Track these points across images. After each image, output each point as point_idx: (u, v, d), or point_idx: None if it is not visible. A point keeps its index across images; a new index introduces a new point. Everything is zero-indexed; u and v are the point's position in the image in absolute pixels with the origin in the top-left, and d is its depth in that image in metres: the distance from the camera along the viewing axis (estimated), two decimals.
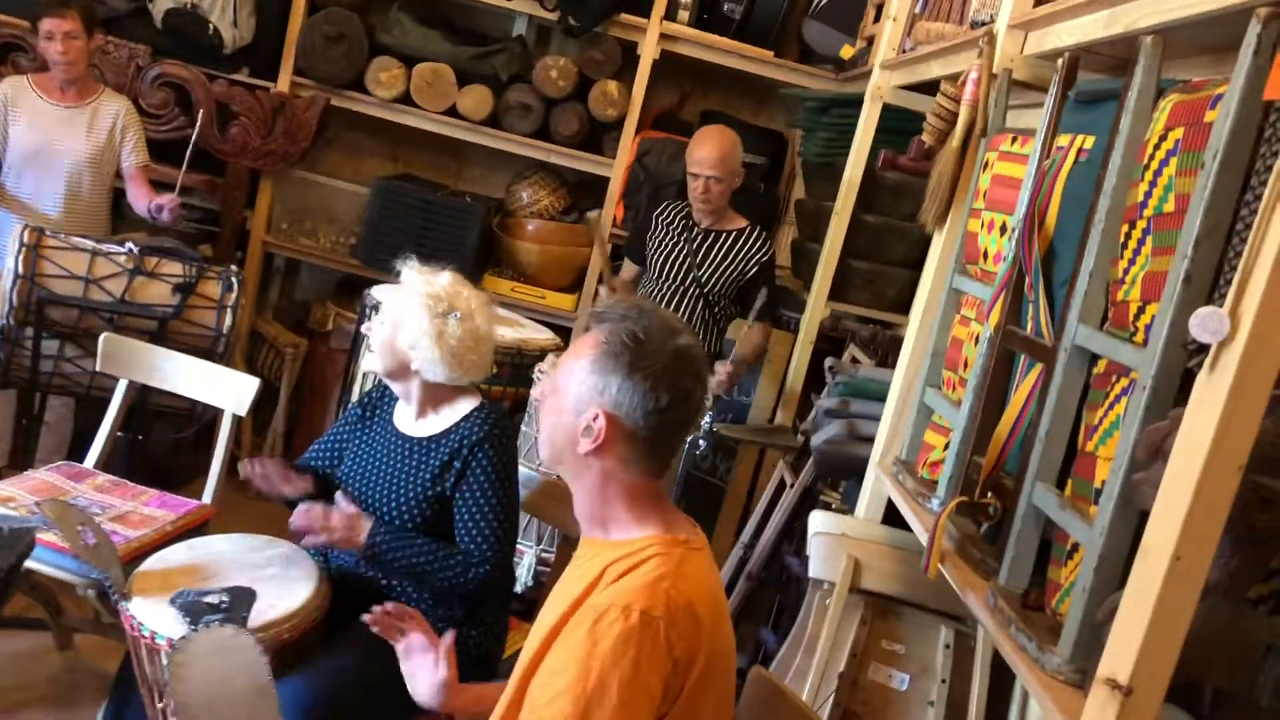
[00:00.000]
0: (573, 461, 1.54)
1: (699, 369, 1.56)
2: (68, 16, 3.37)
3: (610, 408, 1.48)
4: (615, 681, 1.35)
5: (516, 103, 4.14)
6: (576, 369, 1.53)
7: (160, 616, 2.02)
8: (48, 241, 3.01)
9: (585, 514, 1.57)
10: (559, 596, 1.56)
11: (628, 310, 1.53)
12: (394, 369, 2.26)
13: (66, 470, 2.82)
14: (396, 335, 2.22)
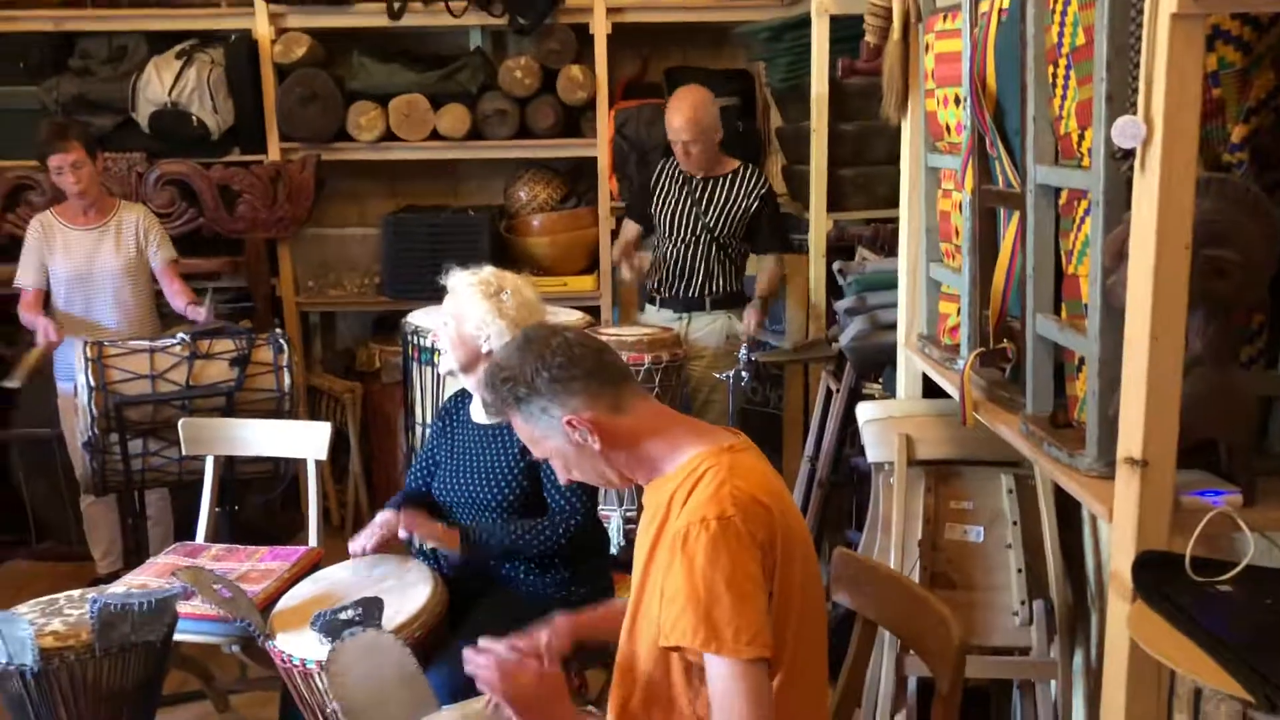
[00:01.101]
0: (612, 461, 1.70)
1: (541, 327, 1.79)
2: (70, 148, 3.60)
3: (564, 415, 1.66)
4: (721, 582, 1.52)
5: (491, 111, 4.31)
6: (534, 438, 1.72)
7: (304, 643, 2.23)
8: (108, 351, 3.25)
9: (645, 473, 1.74)
10: (644, 535, 1.74)
11: (485, 390, 1.75)
12: (467, 359, 2.47)
13: (182, 550, 3.05)
14: (461, 326, 2.44)
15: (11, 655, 2.20)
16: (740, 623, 1.51)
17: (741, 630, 1.51)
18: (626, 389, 1.70)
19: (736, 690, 1.51)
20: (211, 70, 4.18)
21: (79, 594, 2.49)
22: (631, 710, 1.71)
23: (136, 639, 2.30)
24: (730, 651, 1.51)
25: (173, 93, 4.15)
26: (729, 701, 1.52)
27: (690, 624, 1.53)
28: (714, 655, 1.52)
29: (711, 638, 1.51)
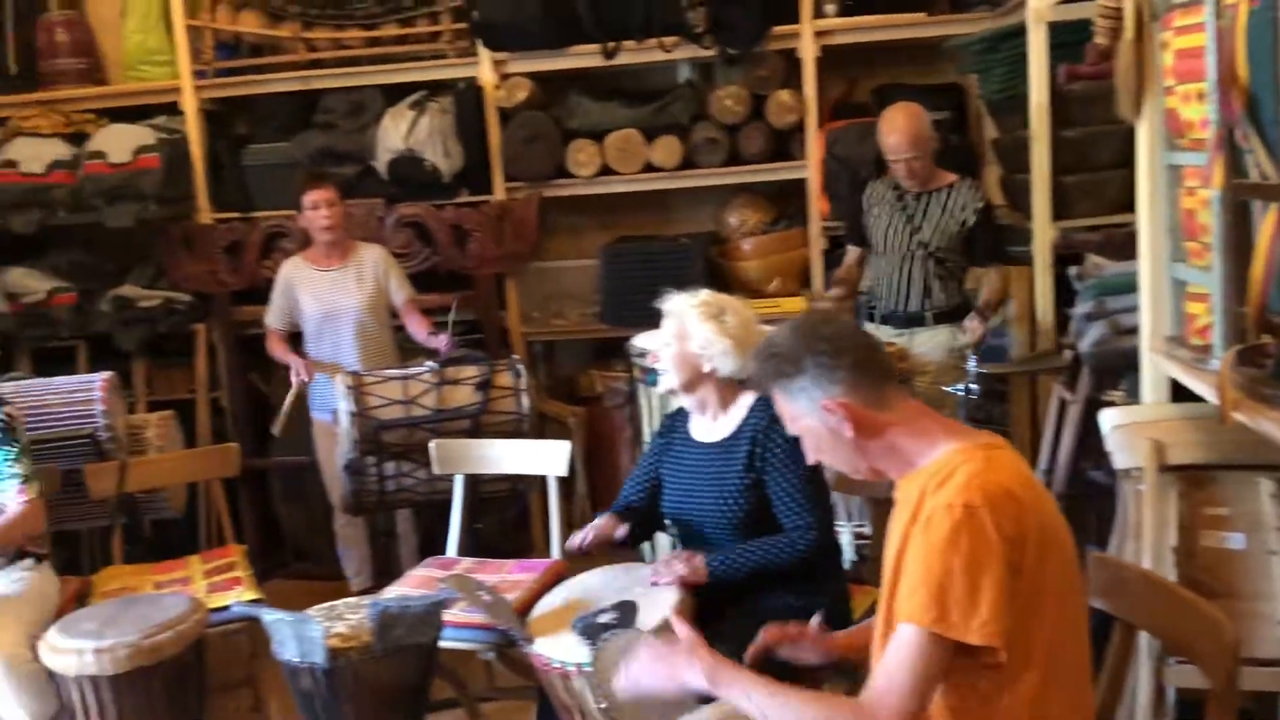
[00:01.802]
0: (861, 450, 1.76)
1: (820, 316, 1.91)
2: (326, 188, 3.93)
3: (823, 398, 1.72)
4: (958, 567, 1.55)
5: (702, 140, 4.44)
6: (792, 416, 1.80)
7: (563, 646, 2.36)
8: (365, 380, 3.51)
9: (895, 467, 1.79)
10: (895, 531, 1.78)
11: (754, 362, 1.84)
12: (689, 378, 2.57)
13: (435, 564, 3.26)
14: (685, 346, 2.55)
15: (304, 653, 2.42)
16: (970, 607, 1.54)
17: (971, 614, 1.53)
18: (889, 386, 1.75)
19: (919, 658, 1.55)
20: (442, 117, 4.47)
21: (354, 601, 2.71)
22: None
23: (410, 641, 2.48)
24: (959, 634, 1.54)
25: (408, 140, 4.44)
26: (908, 665, 1.56)
27: (922, 601, 1.57)
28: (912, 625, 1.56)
29: (941, 618, 1.55)
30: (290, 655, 2.44)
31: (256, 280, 4.58)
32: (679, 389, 2.62)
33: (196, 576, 3.28)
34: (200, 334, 4.75)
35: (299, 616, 2.41)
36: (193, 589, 3.13)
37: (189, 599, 2.81)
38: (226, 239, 4.63)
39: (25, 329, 4.61)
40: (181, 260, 4.66)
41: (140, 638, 2.58)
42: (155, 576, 3.29)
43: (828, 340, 1.73)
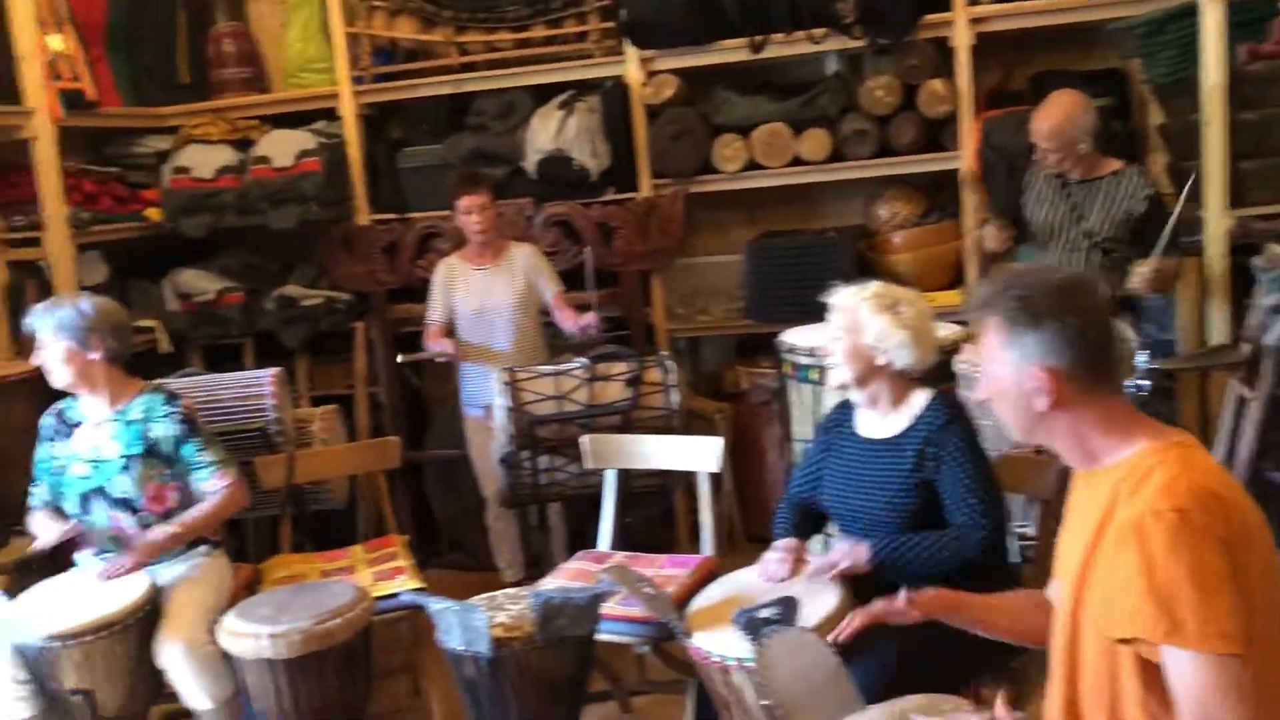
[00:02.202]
0: (1041, 424, 1.70)
1: (1086, 284, 1.71)
2: (479, 193, 4.03)
3: (1041, 362, 1.64)
4: (1183, 574, 1.47)
5: (851, 132, 4.37)
6: (994, 355, 1.71)
7: (723, 641, 2.36)
8: (519, 375, 3.58)
9: (1074, 455, 1.72)
10: (1076, 531, 1.71)
11: (996, 286, 1.71)
12: (862, 372, 2.53)
13: (589, 557, 3.29)
14: (858, 339, 2.51)
15: (469, 642, 2.47)
16: (1206, 614, 1.45)
17: (1209, 622, 1.45)
18: (1108, 382, 1.68)
19: (1211, 685, 1.45)
20: (590, 116, 4.51)
21: (514, 591, 2.76)
22: (1078, 711, 1.68)
23: (571, 632, 2.52)
24: (1196, 644, 1.46)
25: (556, 140, 4.50)
26: (1202, 697, 1.46)
27: (1150, 615, 1.48)
28: (1177, 649, 1.47)
29: (1174, 629, 1.47)
30: (455, 643, 2.50)
31: (411, 279, 4.71)
32: (852, 384, 2.57)
33: (361, 565, 3.39)
34: (359, 331, 4.91)
35: (464, 605, 2.47)
36: (358, 577, 3.23)
37: (356, 587, 2.90)
38: (384, 239, 4.77)
39: (197, 327, 4.84)
40: (341, 260, 4.83)
41: (313, 623, 2.68)
42: (321, 565, 3.41)
43: (1080, 314, 1.64)
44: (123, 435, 3.06)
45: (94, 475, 3.03)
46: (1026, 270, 1.75)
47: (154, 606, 2.88)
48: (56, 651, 2.69)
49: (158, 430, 3.06)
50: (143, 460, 3.04)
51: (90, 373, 3.04)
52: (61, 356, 3.00)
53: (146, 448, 3.05)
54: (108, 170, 4.79)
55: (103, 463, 3.04)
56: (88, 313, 3.02)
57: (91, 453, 3.05)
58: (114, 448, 3.04)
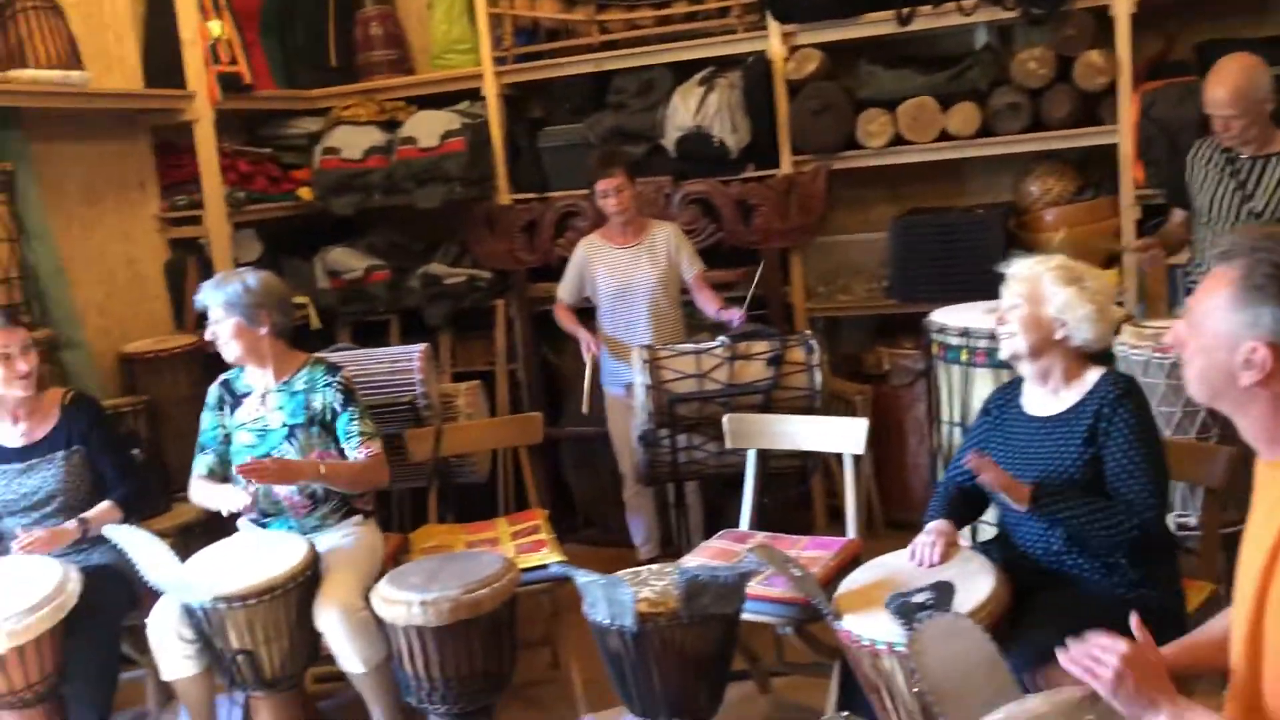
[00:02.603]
0: (1235, 395, 1.59)
1: None
2: (616, 174, 4.02)
3: (1270, 337, 1.52)
4: None
5: (1002, 105, 4.23)
6: (1215, 308, 1.58)
7: (874, 624, 2.31)
8: (659, 354, 3.58)
9: (1261, 436, 1.61)
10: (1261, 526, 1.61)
11: (1258, 242, 1.57)
12: (1038, 344, 2.46)
13: (730, 536, 3.27)
14: (1039, 309, 2.44)
15: (614, 616, 2.48)
16: None
17: None
18: None
19: None
20: (730, 93, 4.47)
21: (659, 568, 2.76)
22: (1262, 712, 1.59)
23: (716, 610, 2.50)
24: None
25: (696, 117, 4.48)
26: None
27: None
28: None
29: None
30: (600, 616, 2.51)
31: (551, 258, 4.76)
32: (1025, 354, 2.50)
33: (504, 538, 3.44)
34: (499, 309, 4.99)
35: (611, 579, 2.48)
36: (502, 549, 3.28)
37: (504, 558, 2.95)
38: (524, 218, 4.83)
39: (346, 304, 4.99)
40: (483, 239, 4.90)
41: (462, 592, 2.73)
42: (466, 536, 3.48)
43: None
44: (287, 405, 3.17)
45: (259, 444, 3.15)
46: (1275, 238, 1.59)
47: (314, 572, 2.97)
48: (223, 613, 2.81)
49: (319, 400, 3.16)
50: (304, 429, 3.14)
51: (258, 347, 3.16)
52: (232, 332, 3.11)
53: (309, 417, 3.15)
54: (262, 151, 4.97)
55: (268, 432, 3.15)
56: (255, 289, 3.13)
57: (257, 422, 3.17)
58: (278, 417, 3.16)
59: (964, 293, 3.88)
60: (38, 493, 3.13)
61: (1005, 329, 2.51)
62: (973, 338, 3.24)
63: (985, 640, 2.04)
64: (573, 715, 3.32)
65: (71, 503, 3.16)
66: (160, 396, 4.15)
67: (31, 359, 3.14)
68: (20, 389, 3.11)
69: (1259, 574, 1.58)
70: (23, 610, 2.78)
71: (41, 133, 4.07)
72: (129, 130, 4.49)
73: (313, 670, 3.21)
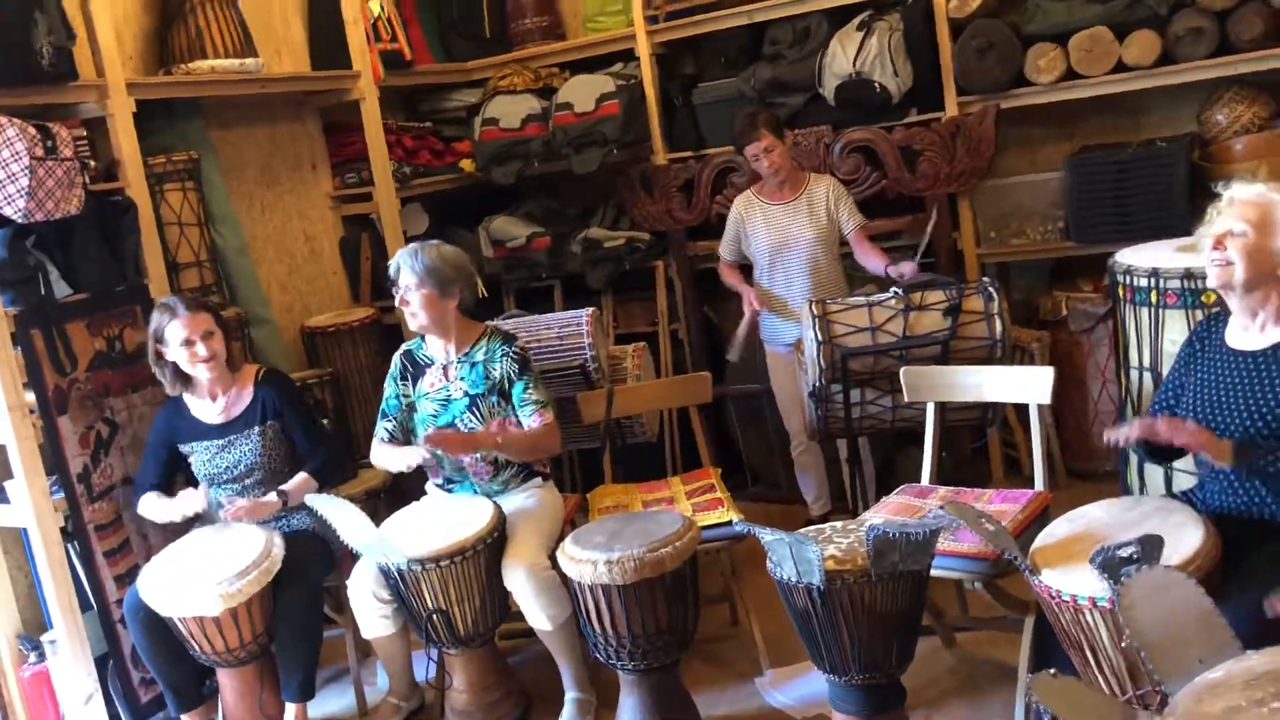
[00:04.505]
0: None
1: None
2: (760, 137, 3.95)
3: None
4: None
5: (1184, 31, 3.98)
6: None
7: (1076, 579, 2.24)
8: (830, 308, 3.52)
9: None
10: None
11: None
12: (1257, 277, 2.33)
13: (911, 492, 3.21)
14: (1268, 240, 2.31)
15: (801, 574, 2.47)
16: None
17: None
18: None
19: None
20: (891, 35, 4.34)
21: (842, 525, 2.73)
22: None
23: (904, 567, 2.46)
24: None
25: (856, 63, 4.36)
26: None
27: None
28: None
29: None
30: (787, 574, 2.50)
31: (709, 216, 4.74)
32: (1239, 286, 2.36)
33: (680, 496, 3.46)
34: (659, 270, 4.99)
35: (796, 537, 2.46)
36: (679, 508, 3.30)
37: (684, 516, 2.96)
38: (680, 178, 4.81)
39: (510, 272, 5.08)
40: (641, 200, 4.91)
41: (645, 551, 2.76)
42: (642, 495, 3.51)
43: None
44: (469, 376, 3.25)
45: (443, 413, 3.24)
46: None
47: (501, 533, 3.06)
48: (418, 574, 2.92)
49: (498, 370, 3.23)
50: (485, 399, 3.22)
51: (445, 318, 3.24)
52: (423, 302, 3.19)
53: (489, 387, 3.23)
54: (424, 126, 5.08)
55: (451, 401, 3.24)
56: (450, 261, 3.21)
57: (440, 392, 3.26)
58: (460, 387, 3.24)
59: (1148, 231, 3.71)
60: (238, 465, 3.29)
61: (1218, 255, 2.35)
62: (1163, 278, 3.07)
63: (1199, 594, 1.95)
64: (755, 670, 3.34)
65: (270, 473, 3.31)
66: (342, 367, 4.33)
67: (214, 343, 3.21)
68: (206, 371, 3.23)
69: None
70: (234, 574, 2.95)
71: (219, 120, 4.26)
72: (299, 112, 4.66)
73: (504, 626, 3.30)
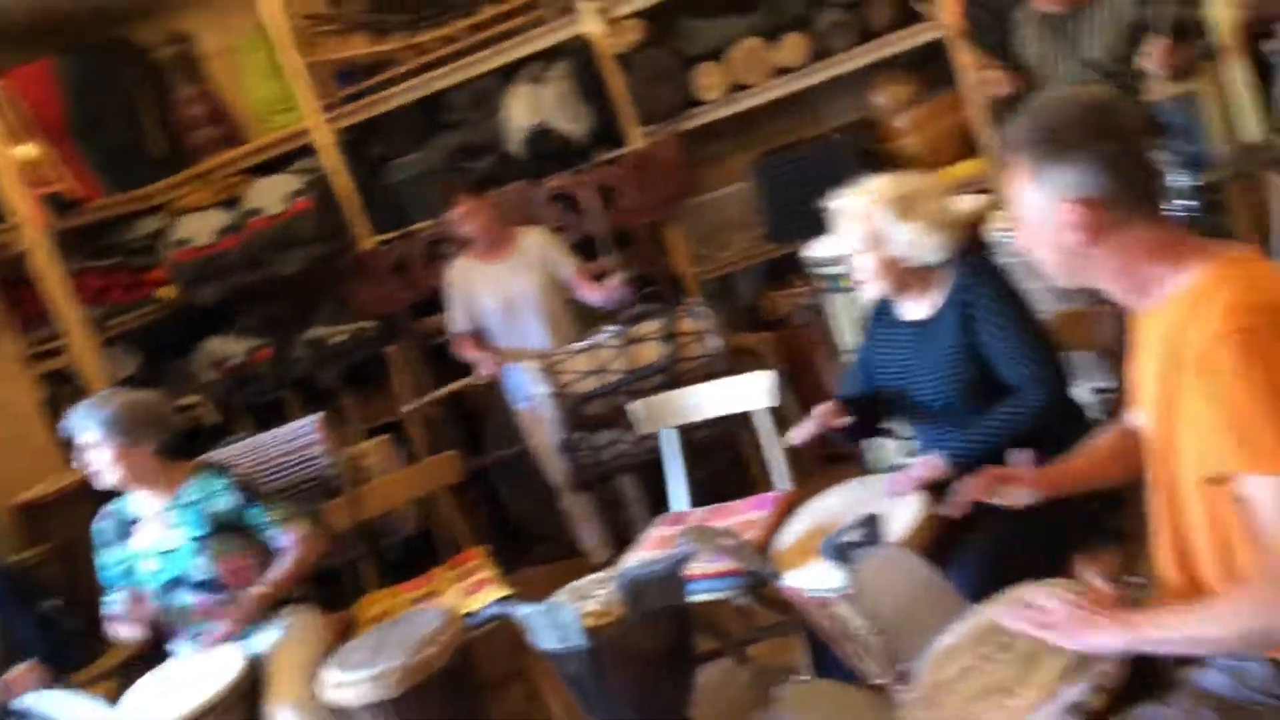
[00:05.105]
0: (1084, 263, 1.58)
1: (1114, 102, 1.57)
2: (459, 202, 3.94)
3: (1073, 194, 1.51)
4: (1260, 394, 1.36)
5: (827, 26, 4.22)
6: (1020, 198, 1.59)
7: (813, 575, 2.27)
8: (553, 358, 3.51)
9: (1126, 291, 1.60)
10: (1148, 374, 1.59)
11: (1020, 121, 1.58)
12: (897, 282, 2.45)
13: (669, 521, 3.22)
14: (887, 251, 2.39)
15: (563, 639, 2.41)
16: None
17: None
18: (1150, 207, 1.54)
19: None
20: (562, 82, 4.40)
21: (599, 576, 2.69)
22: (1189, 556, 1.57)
23: (662, 604, 2.45)
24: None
25: (534, 115, 4.41)
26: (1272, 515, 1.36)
27: (1231, 446, 1.38)
28: (1262, 476, 1.37)
29: (1259, 456, 1.36)
30: (550, 644, 2.44)
31: (430, 291, 4.65)
32: (889, 293, 2.49)
33: (447, 586, 3.35)
34: (394, 355, 4.87)
35: (549, 605, 2.41)
36: (446, 599, 3.19)
37: (444, 610, 2.86)
38: (393, 258, 4.72)
39: (237, 391, 4.83)
40: (358, 289, 4.78)
41: (408, 657, 2.63)
42: (410, 595, 3.38)
43: (1115, 135, 1.51)
44: (185, 520, 3.03)
45: (166, 567, 3.02)
46: (1050, 99, 1.61)
47: (255, 677, 2.86)
48: None
49: (218, 505, 3.03)
50: (213, 539, 3.01)
51: (142, 468, 3.01)
52: (113, 457, 2.96)
53: (213, 526, 3.02)
54: (110, 262, 4.78)
55: (171, 552, 3.02)
56: (131, 408, 2.98)
57: (156, 545, 3.03)
58: (179, 534, 3.02)
59: None
60: None
61: (858, 276, 2.48)
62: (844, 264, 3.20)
63: (921, 565, 2.01)
64: None
65: None
66: (69, 537, 3.98)
67: None
68: None
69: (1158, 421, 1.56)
70: None
71: None
72: None
73: None
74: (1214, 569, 1.53)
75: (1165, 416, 1.54)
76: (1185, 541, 1.57)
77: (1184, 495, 1.55)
